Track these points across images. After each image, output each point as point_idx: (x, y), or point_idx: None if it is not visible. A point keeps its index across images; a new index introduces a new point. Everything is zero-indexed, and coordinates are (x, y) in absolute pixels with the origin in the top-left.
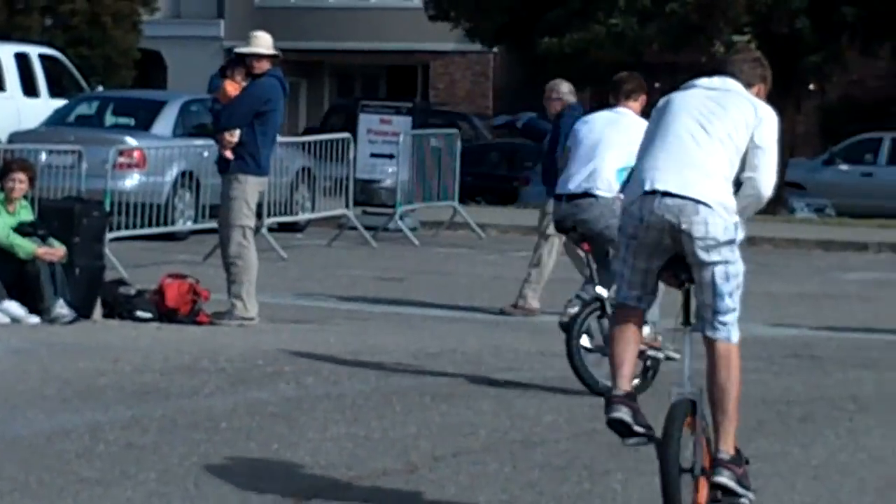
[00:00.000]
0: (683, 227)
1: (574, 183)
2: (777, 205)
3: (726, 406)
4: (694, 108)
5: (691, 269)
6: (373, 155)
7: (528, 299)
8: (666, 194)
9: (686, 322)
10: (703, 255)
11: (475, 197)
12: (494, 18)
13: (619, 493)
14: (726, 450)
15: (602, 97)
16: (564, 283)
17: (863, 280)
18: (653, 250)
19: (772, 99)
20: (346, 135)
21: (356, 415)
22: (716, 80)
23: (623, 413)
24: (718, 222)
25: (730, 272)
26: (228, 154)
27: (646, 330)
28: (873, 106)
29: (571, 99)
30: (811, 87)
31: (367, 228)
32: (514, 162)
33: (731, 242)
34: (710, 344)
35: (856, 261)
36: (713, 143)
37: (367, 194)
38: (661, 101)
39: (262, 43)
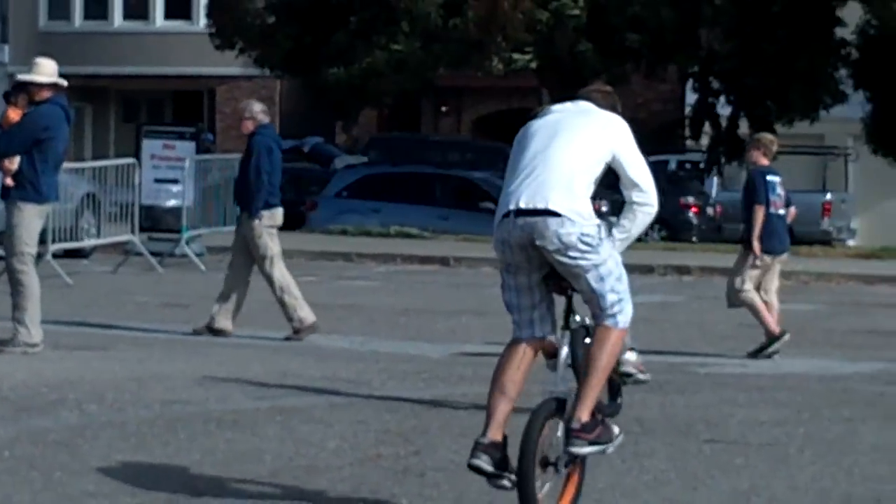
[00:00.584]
0: (538, 243)
1: None
2: None
3: (591, 375)
4: (546, 128)
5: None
6: (157, 180)
7: (303, 316)
8: (518, 213)
9: (566, 326)
10: (568, 263)
11: None
12: (280, 45)
13: None
14: (578, 417)
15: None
16: (357, 310)
17: (648, 302)
18: (528, 266)
19: None
20: (131, 160)
21: (140, 442)
22: (568, 104)
23: (483, 462)
24: (572, 230)
25: (602, 273)
26: (9, 181)
27: (633, 356)
28: (658, 129)
29: (264, 119)
30: None
31: (154, 254)
32: (301, 187)
33: (590, 246)
34: (595, 328)
35: (641, 283)
36: (563, 155)
37: (152, 220)
38: (520, 132)
39: (44, 70)
